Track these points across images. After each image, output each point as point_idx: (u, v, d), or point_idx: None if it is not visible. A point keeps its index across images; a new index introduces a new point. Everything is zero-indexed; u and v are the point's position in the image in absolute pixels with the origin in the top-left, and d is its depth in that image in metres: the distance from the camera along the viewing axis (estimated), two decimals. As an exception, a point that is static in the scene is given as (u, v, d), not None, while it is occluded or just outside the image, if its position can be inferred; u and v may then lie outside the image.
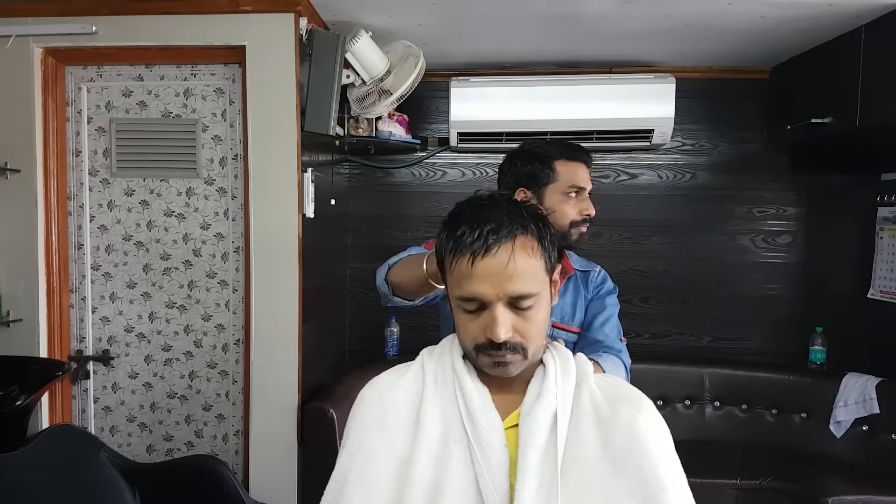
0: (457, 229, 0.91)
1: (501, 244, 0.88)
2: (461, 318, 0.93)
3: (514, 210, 0.93)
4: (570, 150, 1.56)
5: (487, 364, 0.92)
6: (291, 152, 2.22)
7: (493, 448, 0.90)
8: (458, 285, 0.91)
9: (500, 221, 0.89)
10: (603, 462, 0.88)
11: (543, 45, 2.68)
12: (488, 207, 0.92)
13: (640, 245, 3.09)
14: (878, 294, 2.66)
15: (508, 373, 0.92)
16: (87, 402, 2.41)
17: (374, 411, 0.96)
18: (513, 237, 0.89)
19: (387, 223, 3.14)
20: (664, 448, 0.91)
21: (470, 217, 0.91)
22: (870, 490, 2.21)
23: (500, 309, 0.88)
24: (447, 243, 0.93)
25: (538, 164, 1.55)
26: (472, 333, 0.91)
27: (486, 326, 0.89)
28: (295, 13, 2.17)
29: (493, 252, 0.87)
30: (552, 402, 0.92)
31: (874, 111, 2.23)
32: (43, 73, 2.26)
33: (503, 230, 0.88)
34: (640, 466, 0.86)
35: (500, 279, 0.87)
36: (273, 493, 2.26)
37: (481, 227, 0.88)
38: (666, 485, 0.86)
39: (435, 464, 0.90)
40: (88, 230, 2.37)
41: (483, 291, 0.88)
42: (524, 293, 0.88)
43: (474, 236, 0.88)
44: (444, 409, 0.94)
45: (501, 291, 0.88)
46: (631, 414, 0.91)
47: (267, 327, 2.26)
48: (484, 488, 0.87)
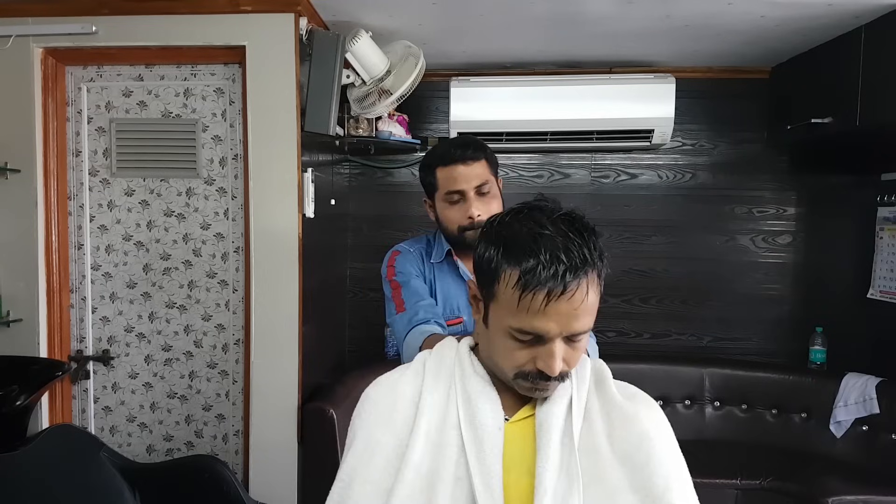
0: (521, 259, 0.85)
1: (578, 285, 0.84)
2: (507, 343, 0.89)
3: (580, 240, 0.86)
4: (447, 153, 1.51)
5: (526, 388, 0.91)
6: (291, 152, 2.22)
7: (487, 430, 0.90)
8: (518, 318, 0.86)
9: (572, 258, 0.83)
10: (612, 455, 0.89)
11: (543, 45, 2.68)
12: (552, 237, 0.85)
13: (640, 245, 3.09)
14: (878, 294, 2.66)
15: (546, 395, 0.93)
16: (87, 402, 2.41)
17: (378, 410, 0.96)
18: (586, 276, 0.85)
19: (387, 223, 3.14)
20: (671, 448, 0.92)
21: (535, 247, 0.84)
22: (870, 490, 2.21)
23: (559, 344, 0.87)
24: (507, 272, 0.87)
25: (426, 173, 1.55)
26: (517, 361, 0.89)
27: (538, 358, 0.87)
28: (295, 13, 2.17)
29: (569, 294, 0.83)
30: (567, 391, 0.93)
31: (874, 111, 2.23)
32: (43, 73, 2.26)
33: (579, 270, 0.84)
34: (646, 463, 0.87)
35: (568, 319, 0.85)
36: (273, 493, 2.26)
37: (555, 264, 0.83)
38: (671, 485, 0.86)
39: (433, 450, 0.90)
40: (88, 230, 2.37)
41: (548, 329, 0.85)
42: (586, 330, 0.87)
43: (549, 273, 0.83)
44: (443, 397, 0.95)
45: (566, 329, 0.86)
46: (640, 412, 0.93)
47: (267, 327, 2.26)
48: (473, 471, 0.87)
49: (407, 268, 1.57)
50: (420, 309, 1.47)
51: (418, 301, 1.49)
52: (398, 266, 1.59)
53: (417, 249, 1.62)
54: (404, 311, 1.49)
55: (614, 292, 3.09)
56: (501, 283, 0.88)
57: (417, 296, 1.51)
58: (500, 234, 0.90)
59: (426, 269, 1.59)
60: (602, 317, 0.93)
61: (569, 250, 0.84)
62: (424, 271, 1.59)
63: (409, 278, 1.55)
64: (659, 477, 0.86)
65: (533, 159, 3.10)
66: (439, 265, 1.59)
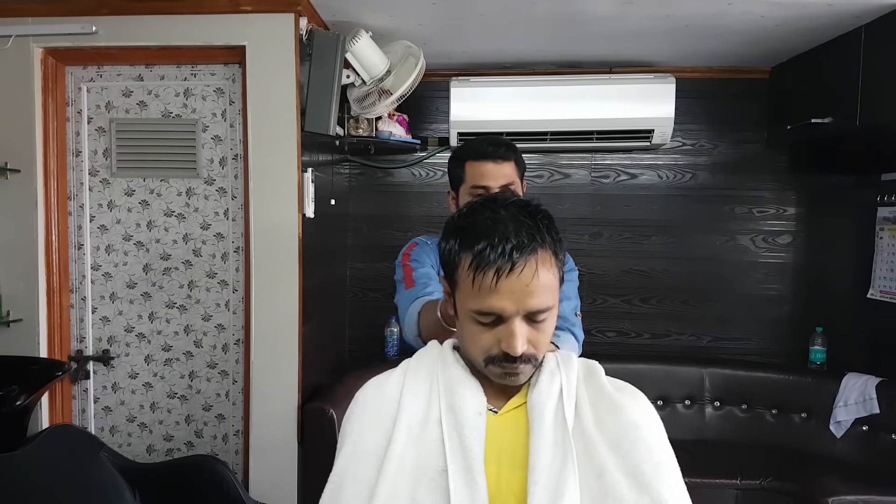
0: (474, 244, 0.89)
1: (526, 261, 0.87)
2: (472, 328, 0.92)
3: (530, 222, 0.90)
4: (479, 148, 1.55)
5: (497, 374, 0.93)
6: (291, 152, 2.22)
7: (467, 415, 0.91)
8: (476, 299, 0.89)
9: (520, 237, 0.88)
10: (601, 439, 0.90)
11: (543, 45, 2.68)
12: (503, 219, 0.90)
13: (640, 245, 3.09)
14: (878, 294, 2.66)
15: (518, 381, 0.94)
16: (87, 402, 2.41)
17: (366, 411, 0.97)
18: (535, 253, 0.88)
19: (387, 223, 3.14)
20: (659, 437, 0.93)
21: (487, 230, 0.89)
22: (870, 490, 2.21)
23: (518, 323, 0.88)
24: (462, 258, 0.91)
25: (455, 165, 1.59)
26: (483, 345, 0.91)
27: (502, 339, 0.89)
28: (295, 13, 2.17)
29: (517, 270, 0.86)
30: (557, 378, 0.95)
31: (874, 111, 2.23)
32: (43, 73, 2.26)
33: (526, 247, 0.87)
34: (634, 451, 0.89)
35: (522, 295, 0.87)
36: (273, 493, 2.26)
37: (503, 243, 0.87)
38: (659, 472, 0.87)
39: (416, 443, 0.91)
40: (88, 230, 2.37)
41: (503, 307, 0.87)
42: (543, 307, 0.89)
43: (497, 252, 0.87)
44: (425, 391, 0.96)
45: (522, 307, 0.88)
46: (628, 403, 0.94)
47: (267, 327, 2.26)
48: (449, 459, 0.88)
49: (422, 258, 1.62)
50: (429, 285, 1.52)
51: (428, 282, 1.54)
52: (414, 255, 1.64)
53: (434, 243, 1.67)
54: (413, 287, 1.54)
55: (614, 292, 3.09)
56: (460, 269, 0.92)
57: (427, 277, 1.56)
58: (457, 226, 0.95)
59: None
60: (602, 317, 0.93)
61: (518, 231, 0.88)
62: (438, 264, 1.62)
63: (422, 266, 1.60)
64: (647, 464, 0.87)
65: (533, 159, 3.10)
66: None
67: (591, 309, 3.05)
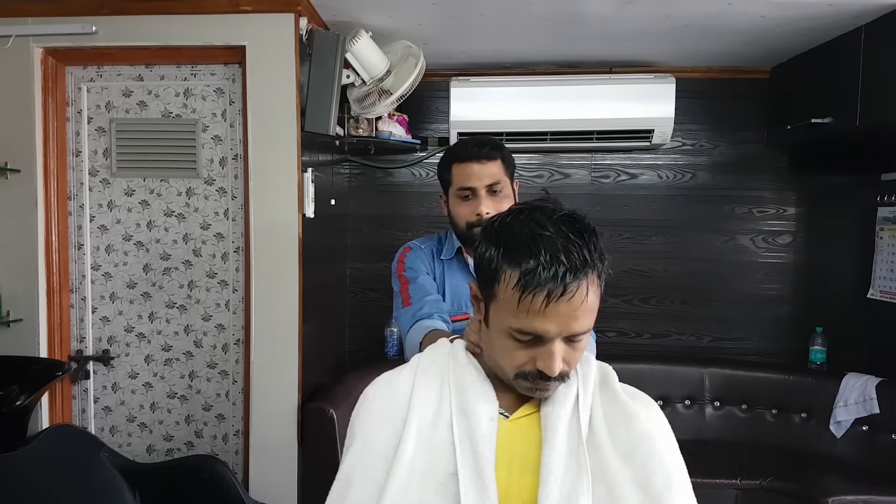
0: (521, 260, 0.85)
1: (578, 286, 0.83)
2: (506, 343, 0.89)
3: (580, 242, 0.85)
4: (464, 150, 1.54)
5: (527, 388, 0.91)
6: (291, 152, 2.22)
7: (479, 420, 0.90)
8: (518, 319, 0.86)
9: (571, 260, 0.83)
10: (613, 451, 0.89)
11: (543, 45, 2.68)
12: (552, 237, 0.85)
13: (640, 245, 3.09)
14: (878, 294, 2.66)
15: (546, 395, 0.93)
16: (87, 402, 2.41)
17: (375, 408, 0.96)
18: (586, 277, 0.84)
19: (387, 223, 3.14)
20: (671, 448, 0.92)
21: (536, 247, 0.84)
22: (870, 490, 2.21)
23: (558, 344, 0.86)
24: (507, 272, 0.86)
25: (443, 169, 1.59)
26: (518, 362, 0.89)
27: (538, 358, 0.87)
28: (295, 13, 2.17)
29: (569, 295, 0.83)
30: (573, 388, 0.94)
31: (874, 111, 2.23)
32: (43, 73, 2.26)
33: (579, 271, 0.83)
34: (647, 462, 0.88)
35: (567, 319, 0.84)
36: (273, 493, 2.26)
37: (555, 265, 0.82)
38: (671, 484, 0.87)
39: (426, 446, 0.91)
40: (88, 230, 2.37)
41: (547, 329, 0.85)
42: (585, 331, 0.87)
43: (549, 274, 0.82)
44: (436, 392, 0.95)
45: (565, 330, 0.85)
46: (641, 412, 0.94)
47: (267, 327, 2.26)
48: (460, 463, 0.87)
49: (417, 264, 1.61)
50: (425, 304, 1.50)
51: (424, 296, 1.53)
52: (408, 262, 1.63)
53: (428, 247, 1.66)
54: (410, 304, 1.53)
55: (614, 292, 3.09)
56: (502, 284, 0.87)
57: (424, 291, 1.55)
58: (500, 235, 0.90)
59: (436, 265, 1.63)
60: (602, 317, 0.93)
61: (569, 251, 0.84)
62: (434, 268, 1.63)
63: (418, 274, 1.59)
64: (659, 476, 0.87)
65: (533, 159, 3.10)
66: (449, 262, 1.63)
67: (591, 309, 3.05)
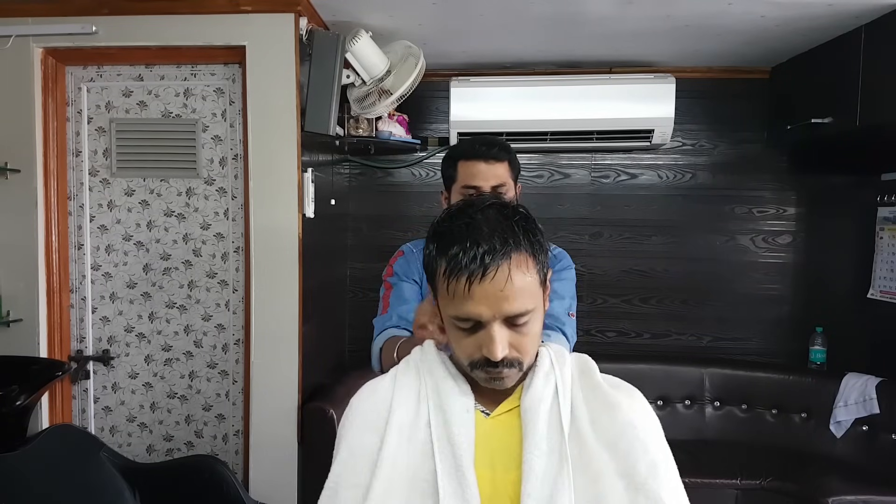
0: (448, 249, 0.88)
1: (498, 266, 0.85)
2: (455, 333, 0.92)
3: (505, 224, 0.88)
4: (472, 147, 1.53)
5: (483, 378, 0.92)
6: (291, 152, 2.22)
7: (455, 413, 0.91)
8: (453, 305, 0.88)
9: (492, 242, 0.86)
10: (596, 441, 0.90)
11: (543, 45, 2.68)
12: (478, 223, 0.88)
13: (640, 245, 3.09)
14: (878, 294, 2.66)
15: (504, 385, 0.93)
16: (87, 402, 2.41)
17: (359, 415, 0.97)
18: (508, 257, 0.86)
19: (387, 223, 3.14)
20: (655, 436, 0.92)
21: (461, 235, 0.87)
22: (870, 490, 2.21)
23: (497, 328, 0.87)
24: (439, 263, 0.90)
25: (447, 165, 1.58)
26: (467, 350, 0.91)
27: (483, 345, 0.88)
28: (295, 13, 2.17)
29: (490, 275, 0.85)
30: (552, 379, 0.95)
31: (874, 111, 2.23)
32: (43, 73, 2.26)
33: (498, 252, 0.85)
34: (630, 450, 0.88)
35: (497, 300, 0.86)
36: (273, 493, 2.26)
37: (475, 248, 0.85)
38: (657, 472, 0.87)
39: (406, 445, 0.91)
40: (88, 230, 2.37)
41: (479, 312, 0.86)
42: (520, 312, 0.87)
43: (469, 257, 0.85)
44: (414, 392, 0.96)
45: (498, 312, 0.86)
46: (623, 401, 0.93)
47: (267, 327, 2.26)
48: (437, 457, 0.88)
49: (406, 269, 1.60)
50: (395, 314, 1.51)
51: (400, 305, 1.53)
52: (396, 267, 1.62)
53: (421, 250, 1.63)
54: (385, 313, 1.54)
55: (614, 292, 3.09)
56: (437, 275, 0.91)
57: (401, 300, 1.54)
58: (436, 231, 0.94)
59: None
60: (602, 317, 0.93)
61: (492, 235, 0.86)
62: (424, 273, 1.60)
63: (402, 282, 1.59)
64: (643, 464, 0.87)
65: (533, 159, 3.10)
66: None
67: (591, 309, 3.05)
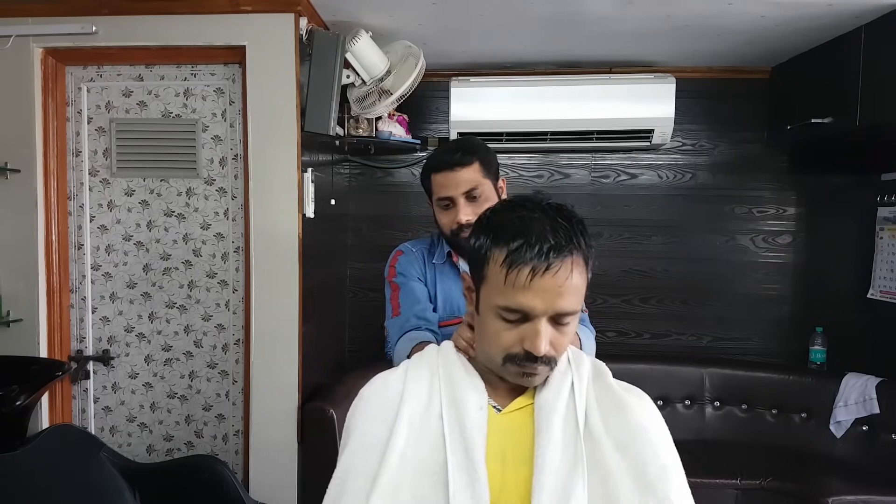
0: (510, 241, 0.89)
1: (562, 263, 0.87)
2: (495, 324, 0.92)
3: (567, 225, 0.91)
4: (437, 158, 1.51)
5: (514, 373, 0.93)
6: (291, 152, 2.22)
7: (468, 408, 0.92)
8: (505, 295, 0.89)
9: (558, 238, 0.88)
10: (609, 441, 0.91)
11: (543, 45, 2.68)
12: (541, 220, 0.90)
13: (640, 245, 3.09)
14: (878, 294, 2.66)
15: (534, 383, 0.95)
16: (87, 402, 2.41)
17: (370, 406, 0.98)
18: (570, 255, 0.88)
19: (387, 223, 3.14)
20: (665, 440, 0.94)
21: (523, 229, 0.89)
22: (870, 490, 2.21)
23: (544, 324, 0.89)
24: (495, 254, 0.91)
25: (424, 179, 1.56)
26: (505, 343, 0.91)
27: (525, 338, 0.89)
28: (295, 13, 2.17)
29: (553, 270, 0.87)
30: (568, 377, 0.96)
31: (874, 111, 2.23)
32: (43, 73, 2.26)
33: (563, 249, 0.88)
34: (641, 452, 0.89)
35: (553, 296, 0.87)
36: (273, 493, 2.26)
37: (541, 242, 0.87)
38: (666, 475, 0.88)
39: (416, 437, 0.92)
40: (88, 230, 2.37)
41: (533, 305, 0.88)
42: (570, 310, 0.89)
43: (534, 251, 0.87)
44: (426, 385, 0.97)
45: (551, 307, 0.88)
46: (635, 405, 0.95)
47: (267, 327, 2.26)
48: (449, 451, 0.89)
49: (408, 269, 1.59)
50: (413, 315, 1.49)
51: (413, 305, 1.52)
52: (399, 267, 1.61)
53: (420, 250, 1.63)
54: (399, 315, 1.52)
55: (614, 292, 3.09)
56: (490, 264, 0.92)
57: (413, 299, 1.53)
58: (490, 222, 0.95)
59: (427, 269, 1.60)
60: (602, 317, 0.94)
61: (555, 231, 0.89)
62: (426, 272, 1.60)
63: (409, 281, 1.57)
64: (653, 467, 0.88)
65: (533, 159, 3.10)
66: (441, 266, 1.60)
67: (591, 309, 3.02)
